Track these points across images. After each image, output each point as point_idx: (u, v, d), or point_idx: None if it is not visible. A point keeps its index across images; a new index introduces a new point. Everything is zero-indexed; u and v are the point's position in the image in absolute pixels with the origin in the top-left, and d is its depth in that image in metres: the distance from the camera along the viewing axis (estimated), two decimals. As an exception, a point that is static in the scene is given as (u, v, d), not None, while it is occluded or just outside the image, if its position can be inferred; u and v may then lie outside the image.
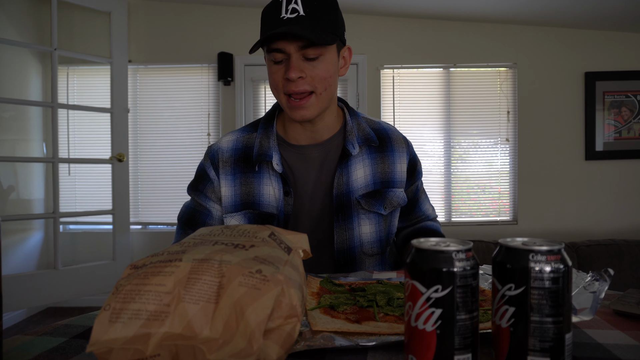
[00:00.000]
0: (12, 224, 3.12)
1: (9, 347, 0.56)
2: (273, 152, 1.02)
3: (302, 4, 0.89)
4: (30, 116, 3.37)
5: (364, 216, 1.04)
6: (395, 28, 3.55)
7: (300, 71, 0.91)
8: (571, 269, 0.44)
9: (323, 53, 0.92)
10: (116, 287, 0.46)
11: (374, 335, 0.54)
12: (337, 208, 1.02)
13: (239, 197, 1.03)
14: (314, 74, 0.92)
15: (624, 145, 3.51)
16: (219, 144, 1.08)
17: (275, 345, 0.44)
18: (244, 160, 1.04)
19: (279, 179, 1.02)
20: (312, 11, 0.89)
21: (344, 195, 1.02)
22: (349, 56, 1.02)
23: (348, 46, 1.02)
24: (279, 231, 0.59)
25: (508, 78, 3.55)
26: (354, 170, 1.04)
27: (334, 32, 0.93)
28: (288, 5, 0.89)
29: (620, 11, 3.16)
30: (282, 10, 0.90)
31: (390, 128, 1.12)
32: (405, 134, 4.05)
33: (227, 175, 1.04)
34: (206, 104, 3.57)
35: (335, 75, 0.97)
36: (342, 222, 1.02)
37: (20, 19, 3.27)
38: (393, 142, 1.09)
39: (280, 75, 0.93)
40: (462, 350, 0.42)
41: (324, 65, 0.93)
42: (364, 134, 1.06)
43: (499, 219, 3.58)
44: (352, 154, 1.03)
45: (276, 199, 1.02)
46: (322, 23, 0.91)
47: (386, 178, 1.07)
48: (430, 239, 0.47)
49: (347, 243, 1.03)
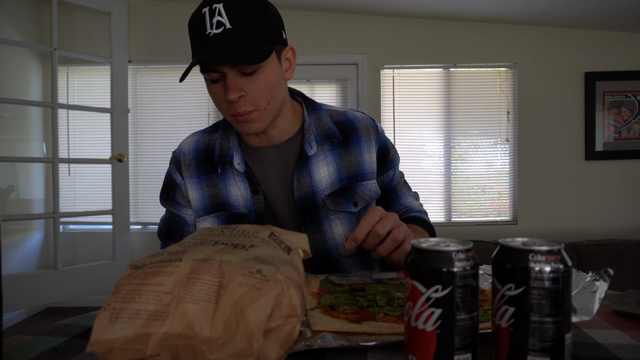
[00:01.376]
0: (12, 224, 3.12)
1: (9, 347, 0.56)
2: (234, 152, 0.98)
3: (227, 15, 0.81)
4: (30, 116, 3.37)
5: (334, 217, 0.99)
6: (395, 28, 3.55)
7: (239, 90, 0.84)
8: (571, 269, 0.44)
9: (261, 65, 0.84)
10: (116, 287, 0.46)
11: (374, 335, 0.54)
12: (302, 212, 0.98)
13: (208, 200, 1.01)
14: (254, 91, 0.85)
15: (624, 146, 3.51)
16: (180, 147, 1.05)
17: (275, 345, 0.44)
18: (206, 161, 1.01)
19: (243, 178, 0.99)
20: (238, 21, 0.81)
21: (308, 198, 0.98)
22: (293, 57, 0.95)
23: (290, 46, 0.94)
24: (279, 231, 0.59)
25: (508, 78, 3.55)
26: (315, 170, 0.99)
27: (267, 38, 0.85)
28: (212, 18, 0.81)
29: (620, 11, 3.16)
30: (207, 26, 0.82)
31: (357, 117, 1.05)
32: (405, 134, 3.97)
33: (192, 178, 1.02)
34: (206, 104, 3.57)
35: (279, 84, 0.89)
36: (311, 225, 0.99)
37: (20, 19, 3.27)
38: (359, 132, 1.02)
39: (221, 95, 0.87)
40: (462, 350, 0.42)
41: (263, 78, 0.85)
42: (325, 130, 1.00)
43: (499, 219, 3.58)
44: (309, 155, 0.98)
45: (244, 199, 0.99)
46: (252, 32, 0.83)
47: (354, 172, 1.00)
48: (430, 239, 0.47)
49: (321, 247, 0.99)
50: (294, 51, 0.95)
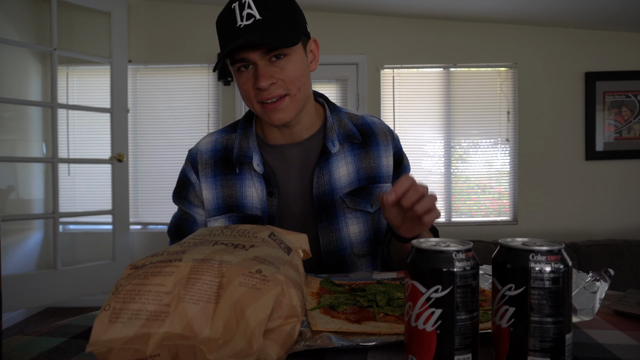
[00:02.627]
0: (12, 224, 3.12)
1: (9, 347, 0.56)
2: (253, 153, 0.99)
3: (256, 7, 0.85)
4: (30, 116, 3.37)
5: (351, 215, 1.00)
6: (395, 28, 3.55)
7: (270, 77, 0.87)
8: (571, 269, 0.44)
9: (289, 53, 0.88)
10: (116, 287, 0.46)
11: (374, 335, 0.54)
12: (319, 209, 0.99)
13: (222, 200, 1.01)
14: (284, 76, 0.89)
15: (624, 146, 3.51)
16: (197, 146, 1.06)
17: (275, 345, 0.44)
18: (223, 161, 1.02)
19: (261, 179, 0.99)
20: (268, 13, 0.86)
21: (327, 195, 0.99)
22: (316, 49, 0.99)
23: (314, 38, 0.98)
24: (279, 231, 0.59)
25: (508, 78, 3.55)
26: (335, 168, 1.00)
27: (295, 29, 0.89)
28: (242, 11, 0.86)
29: (620, 11, 3.16)
30: (237, 18, 0.86)
31: (375, 121, 1.08)
32: (406, 134, 3.99)
33: (207, 178, 1.02)
34: (206, 104, 3.57)
35: (307, 73, 0.93)
36: (326, 223, 0.99)
37: (20, 19, 3.27)
38: (377, 136, 1.05)
39: (251, 85, 0.90)
40: (462, 350, 0.42)
41: (292, 65, 0.89)
42: (345, 130, 1.02)
43: (499, 219, 3.58)
44: (331, 152, 0.99)
45: (260, 200, 0.99)
46: (281, 23, 0.87)
47: (372, 174, 1.02)
48: (430, 239, 0.47)
49: (335, 245, 1.00)
50: (317, 43, 0.99)
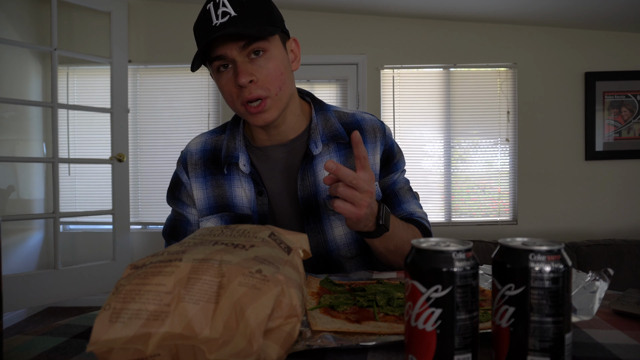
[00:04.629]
0: (12, 224, 3.12)
1: (9, 347, 0.56)
2: (240, 154, 1.00)
3: (230, 5, 0.85)
4: (30, 116, 3.37)
5: (334, 217, 0.99)
6: (395, 28, 3.55)
7: (250, 74, 0.86)
8: (571, 269, 0.44)
9: (268, 48, 0.87)
10: (116, 287, 0.46)
11: (374, 335, 0.54)
12: (304, 211, 0.98)
13: (213, 200, 1.02)
14: (264, 75, 0.87)
15: (624, 146, 3.51)
16: (188, 147, 1.07)
17: (275, 345, 0.44)
18: (212, 162, 1.03)
19: (249, 179, 1.00)
20: (243, 9, 0.85)
21: (311, 197, 0.98)
22: (297, 49, 0.97)
23: (293, 38, 0.97)
24: (279, 231, 0.59)
25: (508, 78, 3.55)
26: (320, 170, 0.99)
27: (271, 24, 0.88)
28: (217, 10, 0.85)
29: (620, 11, 3.16)
30: (212, 17, 0.85)
31: (365, 118, 1.05)
32: (405, 134, 3.97)
33: (197, 178, 1.03)
34: (206, 104, 3.58)
35: (287, 72, 0.92)
36: (313, 225, 0.99)
37: (20, 19, 3.27)
38: (365, 133, 1.02)
39: (232, 84, 0.89)
40: (462, 350, 0.42)
41: (272, 63, 0.88)
42: (331, 130, 1.01)
43: (499, 219, 3.58)
44: (314, 154, 0.98)
45: (249, 200, 1.00)
46: (257, 18, 0.86)
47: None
48: (430, 239, 0.47)
49: (323, 247, 0.99)
50: (297, 43, 0.98)
